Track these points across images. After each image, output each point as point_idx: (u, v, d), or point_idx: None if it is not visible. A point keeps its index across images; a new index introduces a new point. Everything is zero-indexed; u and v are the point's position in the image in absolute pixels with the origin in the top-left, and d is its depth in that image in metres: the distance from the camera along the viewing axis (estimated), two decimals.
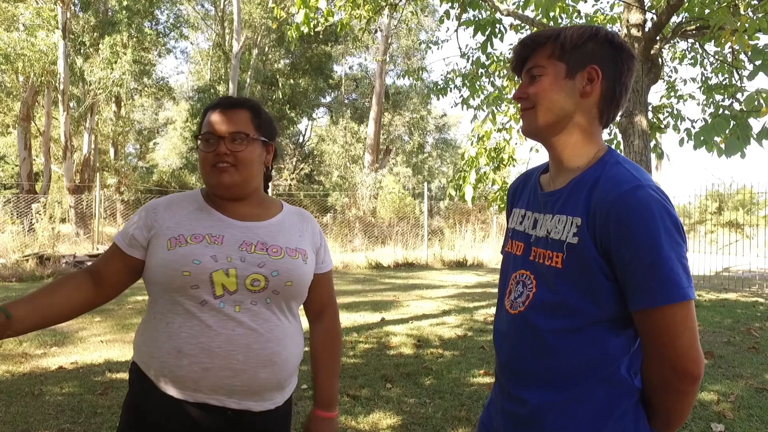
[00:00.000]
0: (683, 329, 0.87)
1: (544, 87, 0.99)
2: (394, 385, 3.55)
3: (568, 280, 0.94)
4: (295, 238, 1.25)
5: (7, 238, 9.89)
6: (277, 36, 19.29)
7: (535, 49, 1.01)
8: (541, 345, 0.97)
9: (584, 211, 0.93)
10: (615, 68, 0.98)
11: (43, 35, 14.27)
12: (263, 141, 1.23)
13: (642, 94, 4.15)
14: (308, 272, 1.24)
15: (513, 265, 1.08)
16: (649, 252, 0.86)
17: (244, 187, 1.21)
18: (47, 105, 17.06)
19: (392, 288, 8.14)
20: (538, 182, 1.09)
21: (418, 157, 22.56)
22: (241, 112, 1.20)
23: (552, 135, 1.01)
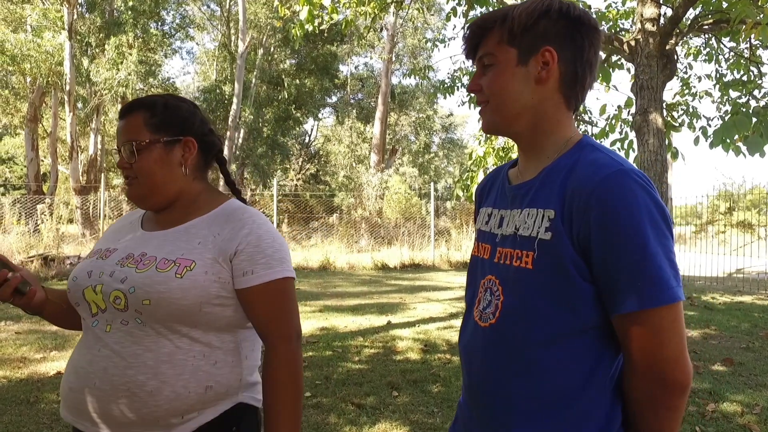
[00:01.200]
0: (671, 335, 0.76)
1: (496, 78, 0.88)
2: (401, 393, 3.43)
3: (540, 283, 0.82)
4: (188, 245, 1.03)
5: (12, 239, 9.88)
6: (282, 36, 19.21)
7: (485, 35, 0.90)
8: (517, 363, 0.84)
9: (558, 201, 0.82)
10: (573, 46, 0.87)
11: (50, 36, 14.27)
12: (166, 141, 1.07)
13: (657, 91, 4.00)
14: (184, 288, 0.98)
15: (481, 270, 0.95)
16: (635, 246, 0.75)
17: (155, 198, 1.08)
18: (54, 106, 17.09)
19: (398, 290, 8.02)
20: (507, 177, 0.97)
21: (424, 157, 22.42)
22: (134, 116, 1.07)
23: (513, 128, 0.91)
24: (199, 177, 1.13)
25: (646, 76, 4.01)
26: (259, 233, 1.04)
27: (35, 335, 4.77)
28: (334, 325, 5.35)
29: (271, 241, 1.05)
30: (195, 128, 1.11)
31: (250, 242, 1.03)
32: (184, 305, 0.99)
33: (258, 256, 1.03)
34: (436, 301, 7.03)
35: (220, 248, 1.03)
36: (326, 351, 4.40)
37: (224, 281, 1.02)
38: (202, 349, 1.02)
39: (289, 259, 1.07)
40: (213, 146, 1.15)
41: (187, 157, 1.09)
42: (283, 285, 1.04)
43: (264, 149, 19.42)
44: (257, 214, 1.09)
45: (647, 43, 3.96)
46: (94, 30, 16.31)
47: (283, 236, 1.12)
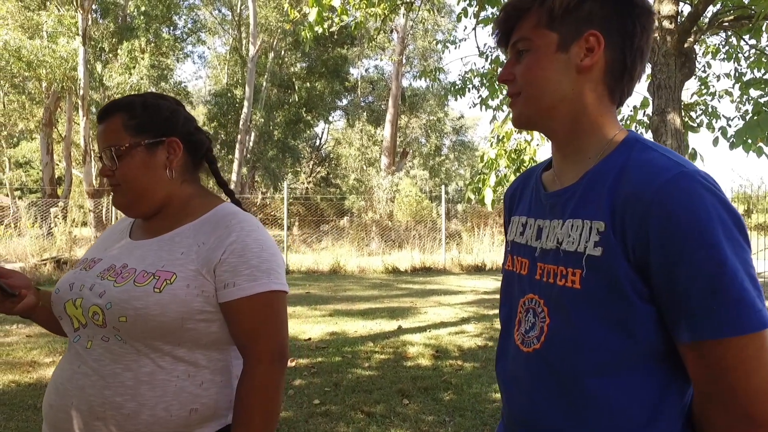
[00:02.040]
0: (758, 365, 0.64)
1: (532, 66, 0.78)
2: (411, 400, 3.35)
3: (590, 305, 0.71)
4: (171, 256, 0.96)
5: (27, 242, 9.98)
6: (293, 39, 19.29)
7: (520, 17, 0.79)
8: (568, 395, 0.74)
9: (608, 211, 0.70)
10: (623, 30, 0.75)
11: (64, 42, 14.46)
12: (148, 143, 0.99)
13: (675, 91, 3.89)
14: (163, 303, 0.91)
15: (519, 287, 0.85)
16: (708, 261, 0.63)
17: (142, 205, 1.01)
18: (68, 110, 17.31)
19: (409, 294, 7.93)
20: (540, 182, 0.86)
21: (435, 159, 22.34)
22: (112, 120, 1.00)
23: (549, 123, 0.80)
24: (189, 180, 1.04)
25: (664, 75, 3.89)
26: (246, 241, 0.95)
27: (46, 339, 4.77)
28: (344, 330, 5.29)
29: (258, 251, 0.95)
30: (179, 127, 1.02)
31: (234, 251, 0.94)
32: (163, 322, 0.91)
33: (242, 267, 0.94)
34: (448, 305, 6.94)
35: (204, 258, 0.94)
36: (336, 357, 4.33)
37: (208, 294, 0.94)
38: (186, 368, 0.94)
39: (279, 271, 0.97)
40: (200, 145, 1.06)
41: (173, 159, 1.01)
42: (268, 299, 0.95)
43: (275, 152, 19.49)
44: (248, 220, 0.99)
45: (664, 41, 3.85)
46: (107, 35, 16.51)
47: (276, 244, 1.01)
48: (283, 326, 0.98)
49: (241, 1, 21.49)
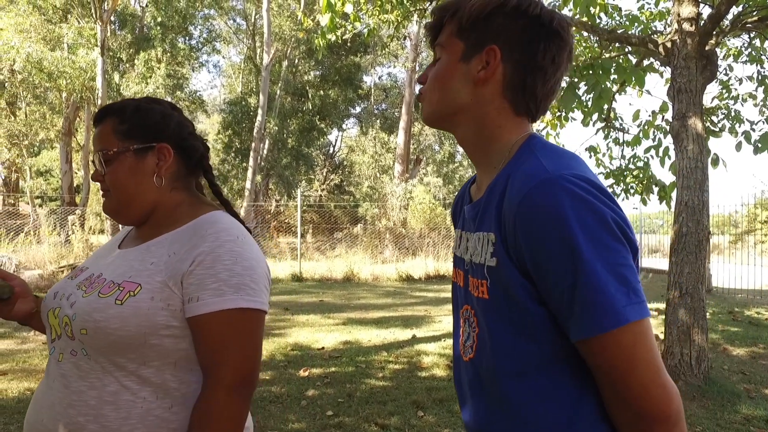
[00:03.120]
0: (634, 361, 0.65)
1: (438, 70, 0.81)
2: (427, 412, 3.28)
3: (497, 313, 0.74)
4: (141, 266, 0.90)
5: (45, 249, 10.12)
6: (306, 48, 19.41)
7: (441, 24, 0.83)
8: (495, 401, 0.76)
9: (496, 223, 0.73)
10: (525, 47, 0.76)
11: (83, 53, 14.74)
12: (137, 148, 0.95)
13: (696, 95, 3.79)
14: (124, 316, 0.85)
15: (459, 298, 0.88)
16: (566, 268, 0.65)
17: (129, 211, 0.98)
18: (86, 120, 17.61)
19: (423, 302, 7.85)
20: (468, 194, 0.90)
21: (448, 166, 22.24)
22: (104, 124, 0.97)
23: (454, 129, 0.83)
24: (179, 187, 0.99)
25: (684, 79, 3.80)
26: (218, 252, 0.87)
27: None
28: (357, 339, 5.23)
29: (230, 263, 0.86)
30: (169, 132, 0.98)
31: (203, 263, 0.86)
32: (124, 336, 0.85)
33: (208, 281, 0.85)
34: None
35: (172, 269, 0.88)
36: (349, 366, 4.27)
37: (174, 309, 0.87)
38: (154, 389, 0.86)
39: (254, 287, 0.87)
40: (193, 152, 1.00)
41: (162, 165, 0.96)
42: (234, 318, 0.85)
43: (288, 160, 19.57)
44: (228, 229, 0.91)
45: (685, 44, 3.76)
46: (124, 46, 16.80)
47: (261, 258, 0.91)
48: (252, 350, 0.87)
49: (256, 11, 21.74)
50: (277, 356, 4.53)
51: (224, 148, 20.63)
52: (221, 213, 0.97)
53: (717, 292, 9.48)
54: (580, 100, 4.93)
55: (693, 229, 3.72)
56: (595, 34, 4.41)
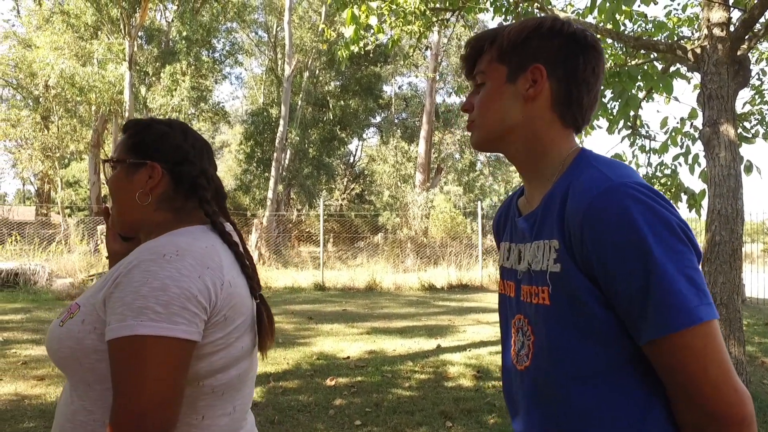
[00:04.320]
0: (705, 361, 0.66)
1: (484, 96, 0.87)
2: (455, 423, 3.25)
3: (560, 318, 0.76)
4: (95, 287, 0.89)
5: (75, 258, 10.39)
6: (327, 59, 19.65)
7: (480, 54, 0.89)
8: (558, 408, 0.77)
9: (559, 230, 0.77)
10: (567, 64, 0.83)
11: (112, 68, 15.20)
12: (131, 162, 0.96)
13: (728, 101, 3.72)
14: (61, 338, 0.84)
15: (510, 309, 0.91)
16: (638, 269, 0.68)
17: (119, 222, 0.99)
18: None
19: (447, 311, 7.81)
20: (516, 207, 0.93)
21: (469, 175, 22.16)
22: (121, 138, 1.01)
23: (505, 148, 0.88)
24: (166, 208, 0.96)
25: (715, 85, 3.74)
26: (131, 273, 0.80)
27: None
28: (382, 349, 5.23)
29: (138, 284, 0.78)
30: (163, 153, 0.97)
31: (119, 284, 0.80)
32: (62, 358, 0.85)
33: (117, 304, 0.79)
34: (486, 323, 6.79)
35: (101, 292, 0.84)
36: (375, 376, 4.27)
37: (101, 332, 0.82)
38: (102, 414, 0.82)
39: (162, 311, 0.77)
40: (183, 177, 0.97)
41: (150, 183, 0.95)
42: (131, 346, 0.76)
43: (310, 170, 19.75)
44: (155, 246, 0.84)
45: (715, 49, 3.70)
46: (151, 60, 17.24)
47: (187, 279, 0.80)
48: (151, 386, 0.76)
49: (277, 23, 22.12)
50: (303, 365, 4.56)
51: (246, 159, 20.93)
52: (185, 230, 0.92)
53: (751, 302, 9.21)
54: (606, 108, 4.89)
55: (726, 238, 3.64)
56: (621, 41, 4.38)
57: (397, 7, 5.11)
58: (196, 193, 0.98)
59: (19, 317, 6.67)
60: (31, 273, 9.09)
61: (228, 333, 0.87)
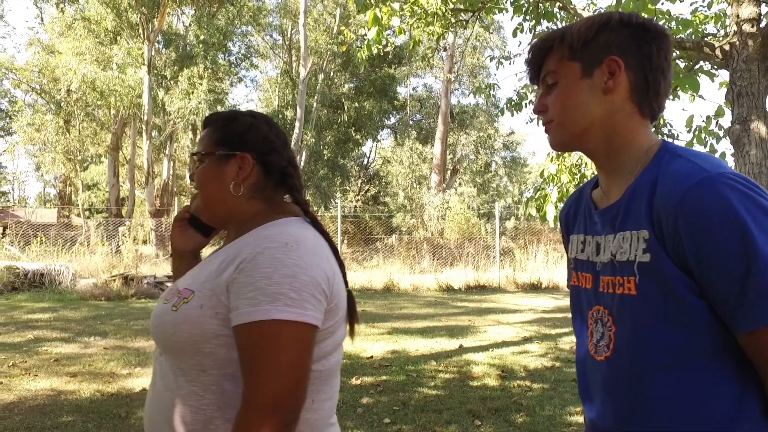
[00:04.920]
0: None
1: (560, 94, 0.87)
2: (483, 421, 3.26)
3: (649, 308, 0.77)
4: (202, 273, 0.91)
5: (97, 259, 10.57)
6: (342, 61, 19.74)
7: (546, 54, 0.90)
8: (641, 397, 0.78)
9: (647, 221, 0.77)
10: (641, 53, 0.84)
11: (132, 72, 15.46)
12: (221, 155, 0.97)
13: (758, 98, 3.68)
14: (176, 322, 0.86)
15: (586, 300, 0.91)
16: (739, 257, 0.68)
17: (209, 214, 1.01)
18: (132, 135, 18.39)
19: (466, 312, 7.80)
20: (591, 200, 0.93)
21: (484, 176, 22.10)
22: (205, 131, 1.02)
23: (585, 144, 0.88)
24: (258, 198, 0.98)
25: (745, 82, 3.70)
26: (258, 259, 0.82)
27: (120, 351, 4.99)
28: (404, 348, 5.25)
29: (269, 270, 0.81)
30: (252, 144, 0.98)
31: (244, 270, 0.83)
32: (177, 342, 0.86)
33: (246, 289, 0.81)
34: (506, 324, 6.77)
35: (220, 277, 0.86)
36: (400, 375, 4.29)
37: (223, 317, 0.84)
38: (216, 399, 0.84)
39: (294, 297, 0.80)
40: (273, 166, 0.99)
41: (241, 174, 0.96)
42: (267, 331, 0.79)
43: (325, 171, 19.86)
44: (274, 235, 0.87)
45: (745, 45, 3.66)
46: (169, 63, 17.47)
47: (312, 268, 0.84)
48: (288, 369, 0.79)
49: (292, 26, 22.28)
50: None
51: None
52: (288, 221, 0.94)
53: None
54: None
55: None
56: None
57: (419, 8, 5.14)
58: (285, 182, 1.00)
59: (47, 316, 6.82)
60: (56, 273, 9.27)
61: (336, 321, 0.91)
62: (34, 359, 4.62)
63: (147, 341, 5.41)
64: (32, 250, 11.05)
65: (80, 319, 6.65)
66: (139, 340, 5.49)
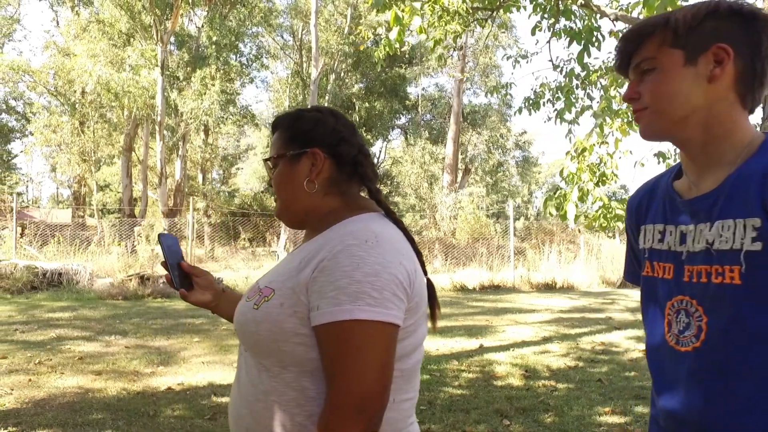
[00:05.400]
0: None
1: (659, 82, 0.85)
2: (512, 421, 3.24)
3: (756, 298, 0.75)
4: (282, 271, 0.91)
5: (113, 259, 10.66)
6: (353, 61, 19.78)
7: (642, 41, 0.88)
8: (739, 388, 0.77)
9: (760, 208, 0.76)
10: (750, 41, 0.82)
11: (145, 73, 15.59)
12: (291, 155, 0.96)
13: None
14: (257, 320, 0.87)
15: (664, 291, 0.89)
16: None
17: (287, 216, 1.01)
18: (145, 136, 18.52)
19: (482, 312, 7.77)
20: (673, 190, 0.92)
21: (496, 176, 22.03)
22: (275, 134, 1.02)
23: (681, 133, 0.86)
24: (334, 192, 0.97)
25: None
26: (339, 258, 0.81)
27: (142, 350, 5.02)
28: (425, 348, 5.23)
29: (350, 269, 0.79)
30: (321, 138, 0.96)
31: (325, 268, 0.81)
32: (258, 340, 0.87)
33: (327, 288, 0.80)
34: (524, 324, 6.74)
35: (300, 276, 0.85)
36: (423, 374, 4.27)
37: (302, 316, 0.83)
38: (296, 396, 0.84)
39: (377, 296, 0.79)
40: (344, 157, 0.97)
41: (314, 170, 0.95)
42: (349, 331, 0.78)
43: None
44: (356, 232, 0.85)
45: None
46: (182, 65, 17.60)
47: (395, 266, 0.82)
48: (372, 369, 0.78)
49: (303, 27, 22.35)
50: None
51: None
52: (367, 216, 0.92)
53: None
54: None
55: None
56: None
57: (440, 7, 5.13)
58: (357, 171, 0.98)
59: (67, 315, 6.88)
60: (73, 273, 9.36)
61: (416, 319, 0.89)
62: (58, 357, 4.66)
63: (167, 340, 5.45)
64: (49, 250, 11.16)
65: (99, 318, 6.70)
66: (159, 339, 5.52)
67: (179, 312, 7.39)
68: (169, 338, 5.56)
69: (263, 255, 15.20)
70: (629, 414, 3.38)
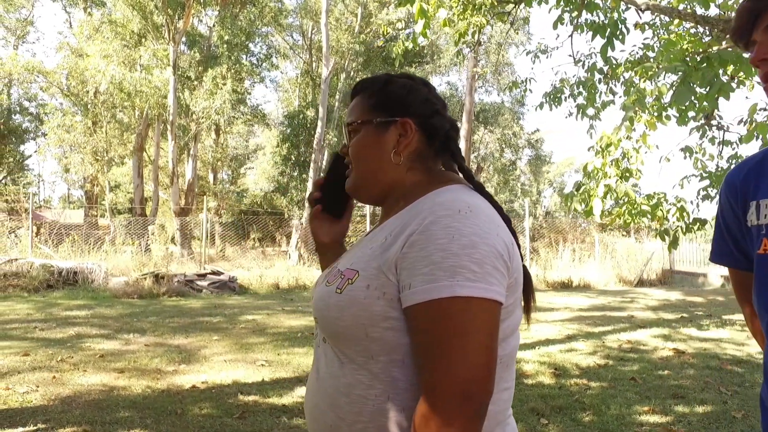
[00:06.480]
0: None
1: None
2: (549, 420, 3.14)
3: None
4: (364, 251, 0.82)
5: (127, 258, 10.67)
6: (363, 60, 19.72)
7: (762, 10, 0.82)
8: None
9: None
10: None
11: (158, 73, 15.63)
12: (379, 122, 0.87)
13: None
14: (341, 305, 0.78)
15: None
16: None
17: (365, 189, 0.91)
18: (156, 136, 18.57)
19: None
20: None
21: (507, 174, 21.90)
22: (356, 99, 0.93)
23: None
24: (419, 168, 0.89)
25: None
26: (431, 230, 0.73)
27: (162, 348, 4.97)
28: None
29: (445, 242, 0.71)
30: (414, 108, 0.88)
31: (415, 243, 0.73)
32: (343, 327, 0.78)
33: (420, 264, 0.72)
34: (546, 322, 6.63)
35: (387, 253, 0.77)
36: None
37: (391, 298, 0.75)
38: (385, 388, 0.76)
39: (478, 270, 0.70)
40: (437, 130, 0.89)
41: (403, 141, 0.87)
42: (449, 310, 0.69)
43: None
44: (447, 202, 0.77)
45: None
46: (193, 64, 17.63)
47: (493, 238, 0.74)
48: (476, 352, 0.69)
49: (313, 26, 22.33)
50: None
51: (282, 161, 21.17)
52: (454, 187, 0.84)
53: None
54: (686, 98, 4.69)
55: None
56: (707, 25, 4.20)
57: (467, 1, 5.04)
58: (448, 147, 0.90)
59: (84, 313, 6.86)
60: (88, 272, 9.36)
61: (515, 298, 0.80)
62: (79, 355, 4.62)
63: (186, 339, 5.39)
64: (64, 249, 11.19)
65: (116, 317, 6.67)
66: (177, 337, 5.47)
67: (195, 311, 7.35)
68: (188, 336, 5.51)
69: (273, 255, 15.19)
70: (670, 413, 3.28)
